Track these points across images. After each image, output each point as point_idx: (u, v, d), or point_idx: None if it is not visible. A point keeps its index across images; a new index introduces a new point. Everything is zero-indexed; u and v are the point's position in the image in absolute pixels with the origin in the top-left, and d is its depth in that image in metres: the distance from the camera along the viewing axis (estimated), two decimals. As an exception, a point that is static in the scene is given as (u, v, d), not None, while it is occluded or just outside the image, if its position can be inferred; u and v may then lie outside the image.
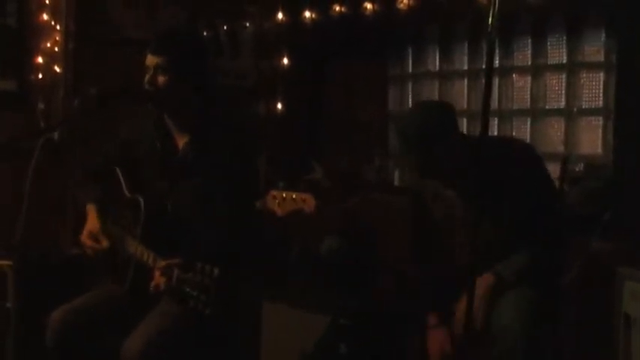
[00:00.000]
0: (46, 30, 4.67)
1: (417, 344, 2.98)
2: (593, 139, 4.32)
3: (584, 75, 4.35)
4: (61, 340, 2.72)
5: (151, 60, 2.74)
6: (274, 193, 2.60)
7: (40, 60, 4.63)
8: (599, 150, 4.26)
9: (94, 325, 2.74)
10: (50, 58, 4.64)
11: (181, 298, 2.47)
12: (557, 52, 4.45)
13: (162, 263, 2.56)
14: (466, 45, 4.94)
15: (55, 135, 2.87)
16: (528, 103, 4.61)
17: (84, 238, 2.84)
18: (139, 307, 2.71)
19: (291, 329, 3.70)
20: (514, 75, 4.69)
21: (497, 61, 4.64)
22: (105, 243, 2.80)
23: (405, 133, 2.84)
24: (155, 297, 2.64)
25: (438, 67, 5.14)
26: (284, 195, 2.59)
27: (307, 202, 2.56)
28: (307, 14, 5.02)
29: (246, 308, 2.91)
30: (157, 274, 2.55)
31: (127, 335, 2.61)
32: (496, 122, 4.73)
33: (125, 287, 2.72)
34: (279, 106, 5.38)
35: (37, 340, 2.77)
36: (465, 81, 4.98)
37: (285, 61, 5.32)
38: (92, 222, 2.86)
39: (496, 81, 4.67)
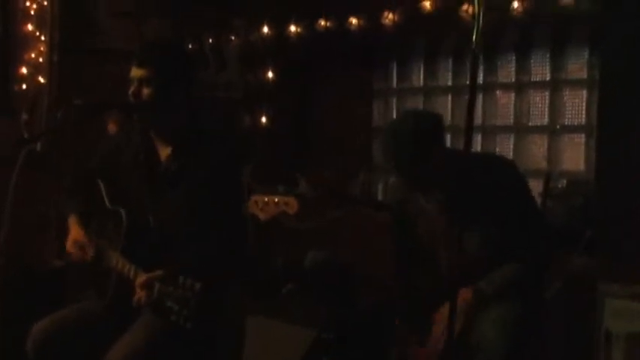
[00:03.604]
0: (30, 40, 4.66)
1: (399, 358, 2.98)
2: (575, 156, 4.35)
3: (567, 92, 4.38)
4: (42, 352, 2.69)
5: (135, 72, 2.73)
6: (256, 198, 2.60)
7: (24, 70, 4.62)
8: (582, 166, 4.29)
9: (75, 337, 2.72)
10: (34, 68, 4.63)
11: (162, 311, 2.45)
12: (541, 69, 4.49)
13: (143, 277, 2.54)
14: (450, 61, 4.97)
15: (38, 146, 2.85)
16: (512, 120, 4.64)
17: (69, 247, 2.82)
18: (121, 319, 2.69)
19: (275, 343, 3.69)
20: (498, 91, 4.72)
21: (481, 78, 4.67)
22: (91, 252, 2.78)
23: (390, 133, 2.84)
24: (137, 310, 2.62)
25: (422, 83, 5.17)
26: (266, 199, 2.59)
27: (290, 204, 2.57)
28: (293, 28, 5.03)
29: (229, 321, 2.90)
30: (138, 288, 2.54)
31: (109, 348, 2.59)
32: (480, 138, 4.75)
33: (106, 300, 2.70)
34: (264, 119, 5.38)
35: (19, 351, 2.75)
36: (449, 97, 5.00)
37: (271, 74, 5.32)
38: (76, 232, 2.84)
39: (480, 97, 4.70)
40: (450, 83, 4.99)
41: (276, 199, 2.58)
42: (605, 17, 3.66)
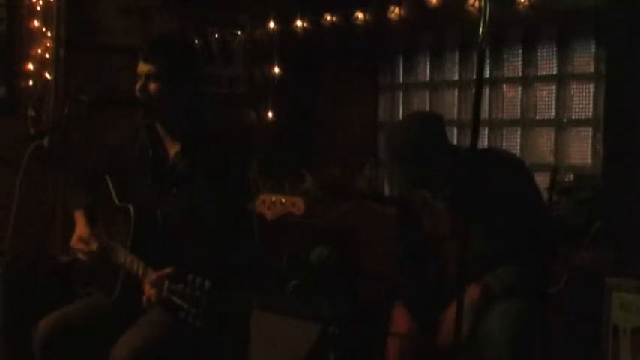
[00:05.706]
0: (36, 36, 4.65)
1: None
2: (582, 150, 4.35)
3: (574, 86, 4.37)
4: (48, 347, 2.69)
5: (142, 67, 2.73)
6: (264, 197, 2.61)
7: (30, 66, 4.62)
8: (589, 160, 4.28)
9: (81, 333, 2.72)
10: (41, 64, 4.63)
11: (171, 309, 2.45)
12: (547, 63, 4.48)
13: (152, 275, 2.54)
14: (457, 55, 4.96)
15: (45, 142, 2.86)
16: (518, 114, 4.63)
17: (73, 242, 2.82)
18: (127, 315, 2.70)
19: (281, 338, 3.70)
20: (504, 85, 4.71)
21: (487, 72, 4.67)
22: (95, 246, 2.79)
23: (394, 146, 2.85)
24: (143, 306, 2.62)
25: (428, 77, 5.16)
26: (273, 199, 2.60)
27: (296, 205, 2.58)
28: (299, 23, 5.03)
29: (234, 318, 2.90)
30: (147, 286, 2.54)
31: (115, 344, 2.59)
32: (486, 132, 4.75)
33: (113, 297, 2.70)
34: (270, 114, 5.39)
35: (25, 347, 2.76)
36: (456, 91, 5.00)
37: (277, 69, 5.33)
38: (81, 228, 2.84)
39: (486, 91, 4.69)
40: (456, 77, 4.98)
41: (283, 200, 2.60)
42: (611, 11, 3.65)
